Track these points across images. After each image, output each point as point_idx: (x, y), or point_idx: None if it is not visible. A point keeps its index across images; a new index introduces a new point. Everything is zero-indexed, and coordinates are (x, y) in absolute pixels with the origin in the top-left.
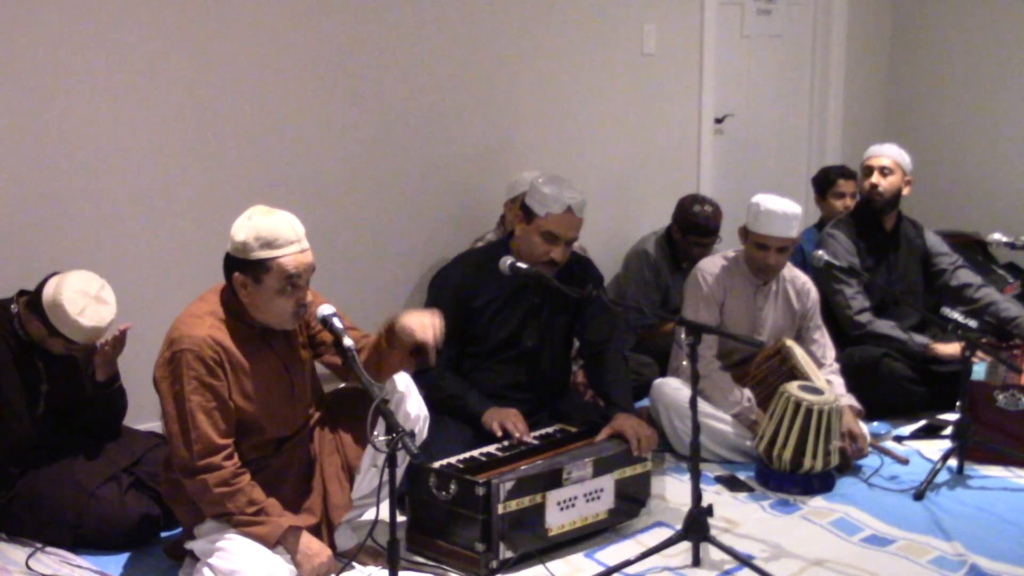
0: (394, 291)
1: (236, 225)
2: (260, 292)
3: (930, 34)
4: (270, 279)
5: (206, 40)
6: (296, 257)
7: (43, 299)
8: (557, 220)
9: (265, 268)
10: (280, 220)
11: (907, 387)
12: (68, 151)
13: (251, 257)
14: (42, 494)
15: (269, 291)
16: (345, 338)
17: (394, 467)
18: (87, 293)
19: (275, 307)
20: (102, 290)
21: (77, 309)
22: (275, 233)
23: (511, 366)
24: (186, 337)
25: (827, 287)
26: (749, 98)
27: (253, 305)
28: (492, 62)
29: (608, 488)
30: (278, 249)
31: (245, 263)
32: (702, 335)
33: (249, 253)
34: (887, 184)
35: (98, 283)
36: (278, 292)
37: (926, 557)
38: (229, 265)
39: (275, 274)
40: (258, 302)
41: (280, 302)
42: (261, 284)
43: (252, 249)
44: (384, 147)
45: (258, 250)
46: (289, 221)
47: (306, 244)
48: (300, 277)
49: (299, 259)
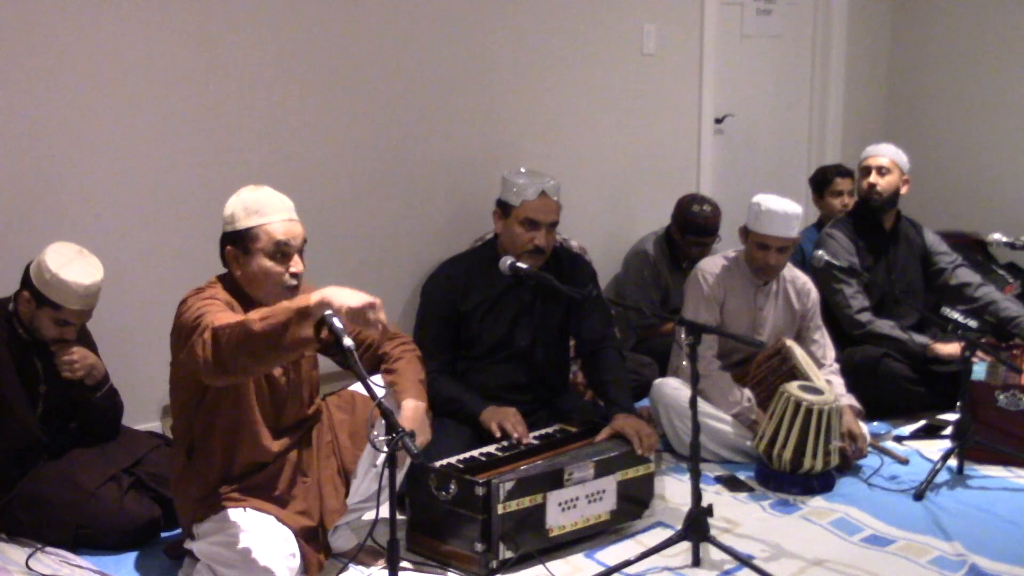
0: (394, 292)
1: (227, 203)
2: (250, 262)
3: (930, 34)
4: (259, 246)
5: (205, 41)
6: (284, 224)
7: (30, 266)
8: (534, 206)
9: (253, 236)
10: (267, 192)
11: (907, 387)
12: (67, 151)
13: (239, 227)
14: (42, 494)
15: (259, 259)
16: (345, 338)
17: (394, 467)
18: (70, 252)
19: (266, 277)
20: (85, 254)
21: (59, 263)
22: (261, 202)
23: (507, 366)
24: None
25: (827, 287)
26: (749, 98)
27: (246, 280)
28: (492, 62)
29: (610, 489)
30: (265, 216)
31: (235, 235)
32: (702, 335)
33: (237, 223)
34: (885, 184)
35: (77, 247)
36: (268, 257)
37: (926, 557)
38: (222, 243)
39: (264, 240)
40: (250, 274)
41: (270, 269)
42: (251, 253)
43: (240, 219)
44: (383, 147)
45: (245, 219)
46: (277, 195)
47: (295, 216)
48: (289, 245)
49: (287, 226)
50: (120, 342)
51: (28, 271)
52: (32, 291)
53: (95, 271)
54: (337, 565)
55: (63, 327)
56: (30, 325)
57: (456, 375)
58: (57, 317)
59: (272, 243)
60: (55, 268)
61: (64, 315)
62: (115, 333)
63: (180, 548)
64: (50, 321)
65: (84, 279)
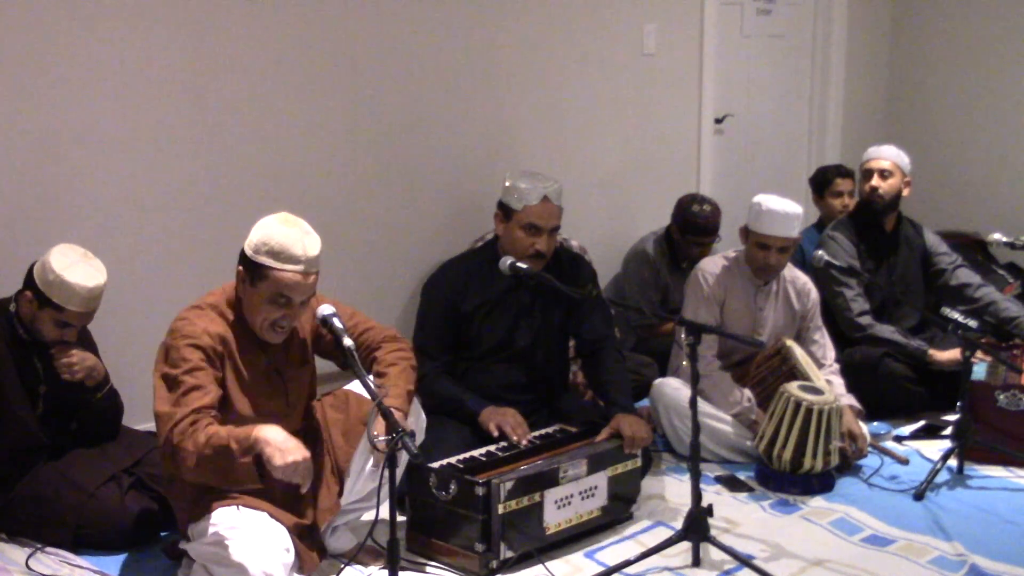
0: (394, 292)
1: (260, 221)
2: (252, 294)
3: (930, 34)
4: (263, 287)
5: (206, 42)
6: (295, 276)
7: (34, 266)
8: (536, 210)
9: (262, 275)
10: (295, 235)
11: (907, 387)
12: (67, 151)
13: (254, 259)
14: (42, 494)
15: (259, 297)
16: (345, 338)
17: (394, 467)
18: (75, 255)
19: (259, 313)
20: (90, 257)
21: (63, 265)
22: (284, 245)
23: (507, 367)
24: (187, 326)
25: (827, 289)
26: (749, 98)
27: (245, 304)
28: (492, 62)
29: (601, 485)
30: (280, 263)
31: (249, 261)
32: (702, 335)
33: (256, 253)
34: (887, 187)
35: (83, 250)
36: (267, 301)
37: (926, 557)
38: (240, 257)
39: (269, 284)
40: (248, 302)
41: (265, 310)
42: (255, 287)
43: (258, 252)
44: (383, 147)
45: (262, 255)
46: (304, 241)
47: (313, 268)
48: (292, 297)
49: (297, 279)
50: (120, 342)
51: (32, 271)
52: (35, 291)
53: (99, 274)
54: (337, 565)
55: (64, 328)
56: (31, 326)
57: (456, 375)
58: (59, 318)
59: (275, 291)
60: (59, 269)
61: (66, 316)
62: (115, 333)
63: (178, 548)
64: (51, 322)
65: (88, 281)
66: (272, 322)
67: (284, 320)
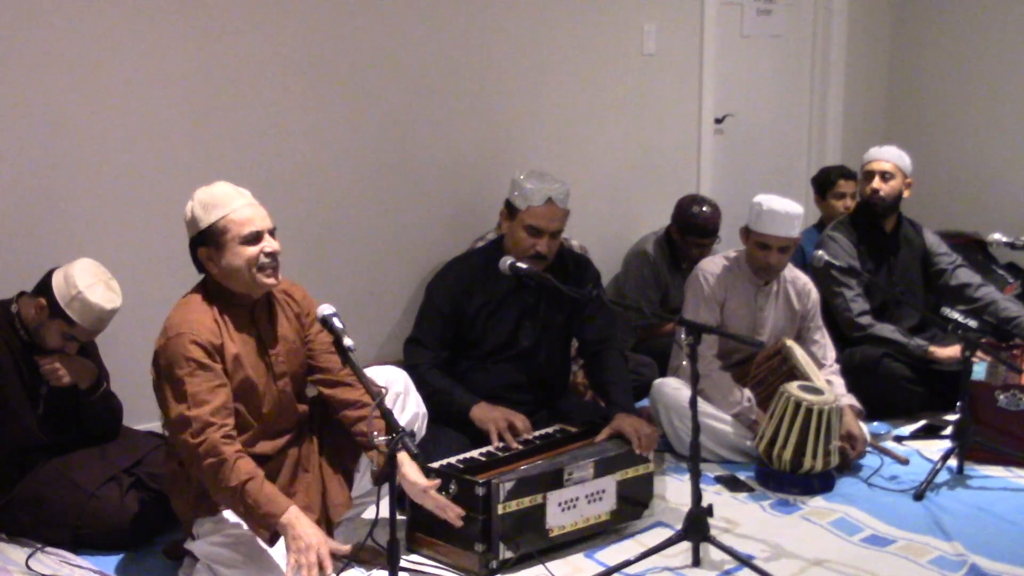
0: (394, 292)
1: (185, 208)
2: (225, 255)
3: (930, 34)
4: (228, 237)
5: (206, 43)
6: (246, 209)
7: (53, 274)
8: (539, 212)
9: (221, 229)
10: (221, 185)
11: (907, 387)
12: (68, 152)
13: (203, 226)
14: (42, 494)
15: (232, 249)
16: (345, 338)
17: (394, 467)
18: (99, 274)
19: (244, 264)
20: (112, 280)
21: (86, 283)
22: (218, 196)
23: (509, 367)
24: (183, 323)
25: (827, 290)
26: (749, 98)
27: (224, 276)
28: (492, 62)
29: (610, 489)
30: (226, 208)
31: (202, 235)
32: (702, 335)
33: (200, 223)
34: (888, 189)
35: (106, 270)
36: (241, 244)
37: (926, 557)
38: (192, 249)
39: (232, 230)
40: (226, 268)
41: (247, 254)
42: (222, 247)
43: (201, 218)
44: (383, 147)
45: (206, 216)
46: (232, 186)
47: (255, 201)
48: (257, 227)
49: (251, 211)
50: (120, 343)
51: (50, 279)
52: (50, 300)
53: (117, 298)
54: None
55: (68, 341)
56: (33, 331)
57: (458, 375)
58: (68, 332)
59: (240, 230)
60: (82, 286)
61: (75, 331)
62: (115, 334)
63: (180, 548)
64: (59, 333)
65: (107, 304)
66: (261, 261)
67: (268, 251)
